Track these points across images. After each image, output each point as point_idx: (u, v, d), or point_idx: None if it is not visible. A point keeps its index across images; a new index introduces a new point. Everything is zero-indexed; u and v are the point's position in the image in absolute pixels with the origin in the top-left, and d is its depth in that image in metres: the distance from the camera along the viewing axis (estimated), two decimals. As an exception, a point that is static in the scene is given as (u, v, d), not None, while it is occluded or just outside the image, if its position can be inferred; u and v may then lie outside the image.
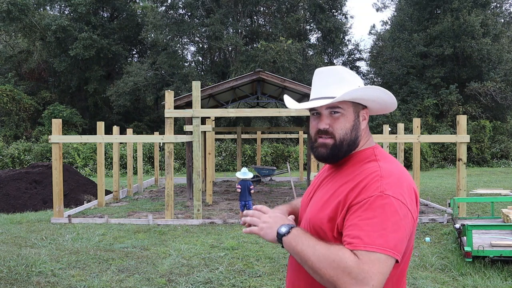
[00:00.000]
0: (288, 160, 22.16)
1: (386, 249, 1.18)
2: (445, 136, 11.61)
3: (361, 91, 1.38)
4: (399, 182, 1.29)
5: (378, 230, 1.19)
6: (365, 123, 1.46)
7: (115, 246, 6.42)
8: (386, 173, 1.30)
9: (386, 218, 1.21)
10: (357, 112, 1.44)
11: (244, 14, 27.40)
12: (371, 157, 1.40)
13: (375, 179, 1.28)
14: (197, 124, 8.61)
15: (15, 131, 25.30)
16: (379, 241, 1.18)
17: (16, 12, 24.78)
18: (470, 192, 11.97)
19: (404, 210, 1.25)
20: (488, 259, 5.28)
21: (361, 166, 1.37)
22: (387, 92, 1.41)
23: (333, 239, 1.32)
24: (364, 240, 1.19)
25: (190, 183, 11.10)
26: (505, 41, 26.70)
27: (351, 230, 1.23)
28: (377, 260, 1.17)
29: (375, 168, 1.33)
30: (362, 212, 1.23)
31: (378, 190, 1.25)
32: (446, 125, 24.36)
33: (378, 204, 1.22)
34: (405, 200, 1.26)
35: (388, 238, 1.19)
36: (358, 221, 1.23)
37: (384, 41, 32.10)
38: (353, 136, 1.41)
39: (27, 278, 4.92)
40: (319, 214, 1.37)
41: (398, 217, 1.22)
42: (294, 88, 11.22)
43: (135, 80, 25.21)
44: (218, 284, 4.87)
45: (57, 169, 8.40)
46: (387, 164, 1.36)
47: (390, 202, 1.23)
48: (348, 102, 1.41)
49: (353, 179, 1.34)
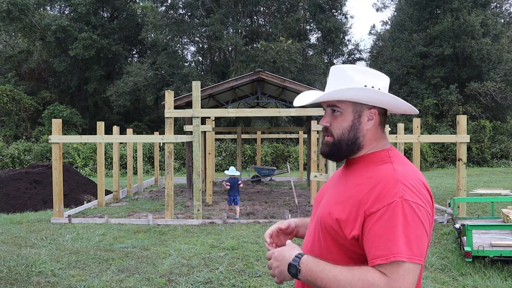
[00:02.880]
0: (288, 160, 22.16)
1: (412, 257, 1.18)
2: (445, 136, 11.62)
3: (354, 91, 1.33)
4: (416, 186, 1.27)
5: (403, 239, 1.19)
6: (371, 124, 1.40)
7: (115, 246, 6.42)
8: (402, 176, 1.28)
9: (408, 225, 1.20)
10: (358, 112, 1.39)
11: (244, 14, 27.40)
12: (385, 159, 1.37)
13: (392, 183, 1.26)
14: (197, 124, 8.61)
15: (15, 131, 25.30)
16: (405, 249, 1.18)
17: (16, 12, 24.78)
18: (470, 192, 11.97)
19: (424, 213, 1.24)
20: (488, 259, 5.28)
21: (375, 167, 1.35)
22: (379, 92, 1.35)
23: (345, 241, 1.30)
24: (392, 250, 1.18)
25: (190, 183, 11.10)
26: (505, 41, 26.70)
27: (376, 242, 1.21)
28: (406, 272, 1.17)
29: (390, 171, 1.31)
30: (384, 221, 1.21)
31: (397, 195, 1.23)
32: (446, 125, 24.36)
33: (399, 211, 1.21)
34: (423, 203, 1.25)
35: (412, 245, 1.19)
36: (382, 231, 1.21)
37: (384, 41, 32.11)
38: (351, 136, 1.38)
39: (27, 278, 4.92)
40: (331, 214, 1.35)
41: (419, 222, 1.22)
42: (294, 88, 11.22)
43: (135, 80, 25.20)
44: (218, 284, 4.87)
45: (57, 169, 8.40)
46: (402, 166, 1.33)
47: (411, 208, 1.22)
48: (347, 102, 1.38)
49: (368, 181, 1.31)
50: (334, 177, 1.54)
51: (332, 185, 1.50)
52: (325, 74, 26.36)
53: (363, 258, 1.27)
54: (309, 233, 1.49)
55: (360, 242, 1.27)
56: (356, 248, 1.30)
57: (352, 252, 1.31)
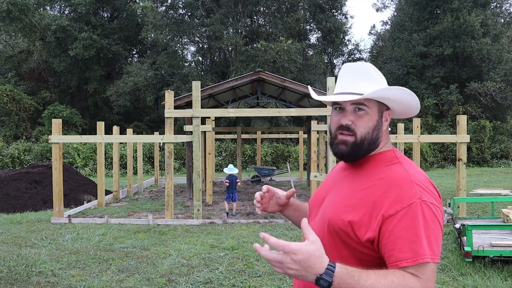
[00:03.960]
0: (288, 160, 22.15)
1: (434, 257, 1.20)
2: (445, 136, 11.62)
3: (388, 90, 1.35)
4: (428, 186, 1.30)
5: (425, 240, 1.20)
6: (387, 124, 1.43)
7: (115, 246, 6.42)
8: (416, 177, 1.29)
9: (428, 226, 1.22)
10: (381, 112, 1.40)
11: (244, 14, 27.39)
12: (393, 159, 1.38)
13: (408, 185, 1.27)
14: (197, 124, 8.61)
15: (15, 131, 25.30)
16: (428, 250, 1.20)
17: (16, 12, 24.77)
18: (470, 192, 11.97)
19: (440, 213, 1.27)
20: (488, 259, 5.28)
21: (384, 168, 1.35)
22: (412, 95, 1.38)
23: (357, 244, 1.29)
24: (418, 252, 1.19)
25: (190, 183, 11.10)
26: (505, 41, 26.69)
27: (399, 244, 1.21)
28: (431, 271, 1.20)
29: (402, 172, 1.32)
30: (406, 223, 1.22)
31: (416, 196, 1.24)
32: (446, 125, 24.35)
33: (419, 212, 1.23)
34: (437, 202, 1.28)
35: (433, 245, 1.21)
36: (404, 233, 1.21)
37: (384, 41, 32.10)
38: (374, 136, 1.38)
39: (27, 278, 4.92)
40: (342, 216, 1.32)
41: (437, 222, 1.25)
42: (294, 88, 11.22)
43: (135, 80, 25.20)
44: (218, 284, 4.87)
45: (57, 169, 8.40)
46: (411, 167, 1.35)
47: (429, 209, 1.24)
48: (374, 101, 1.38)
49: (380, 182, 1.31)
50: (336, 178, 1.50)
51: (335, 185, 1.46)
52: (325, 74, 26.36)
53: (374, 261, 1.27)
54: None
55: (375, 244, 1.26)
56: (369, 251, 1.28)
57: (363, 254, 1.30)
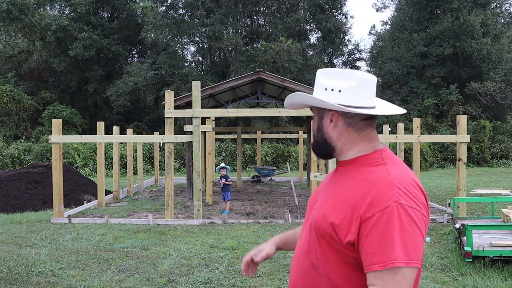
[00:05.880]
0: (288, 160, 22.15)
1: (410, 261, 1.17)
2: (445, 136, 11.62)
3: (297, 97, 1.44)
4: (410, 188, 1.26)
5: (399, 244, 1.18)
6: (333, 125, 1.41)
7: (115, 246, 6.42)
8: (396, 179, 1.27)
9: (404, 230, 1.19)
10: (321, 115, 1.44)
11: (244, 14, 27.39)
12: (379, 160, 1.36)
13: (387, 187, 1.25)
14: (197, 124, 8.60)
15: (15, 131, 25.30)
16: (402, 255, 1.17)
17: (16, 12, 24.76)
18: (470, 192, 11.97)
19: (419, 216, 1.23)
20: (488, 259, 5.28)
21: (368, 169, 1.34)
22: (296, 94, 1.44)
23: (340, 246, 1.29)
24: (389, 257, 1.18)
25: (190, 183, 11.10)
26: (505, 41, 26.66)
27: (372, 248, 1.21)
28: (403, 278, 1.17)
29: (384, 173, 1.29)
30: (380, 227, 1.20)
31: (392, 199, 1.22)
32: (446, 125, 24.35)
33: (395, 216, 1.20)
34: (418, 206, 1.24)
35: (409, 249, 1.18)
36: (378, 237, 1.20)
37: (384, 41, 32.08)
38: (320, 138, 1.44)
39: (27, 278, 4.92)
40: (326, 218, 1.33)
41: (415, 226, 1.21)
42: (294, 88, 11.22)
43: (135, 80, 25.20)
44: (218, 284, 4.87)
45: (57, 169, 8.40)
46: (395, 168, 1.32)
47: (406, 212, 1.21)
48: (314, 107, 1.46)
49: (361, 184, 1.30)
50: (327, 180, 1.53)
51: (325, 187, 1.48)
52: (325, 74, 26.28)
53: (360, 263, 1.26)
54: (303, 237, 1.46)
55: (356, 247, 1.26)
56: (352, 253, 1.28)
57: (348, 257, 1.29)
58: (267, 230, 7.42)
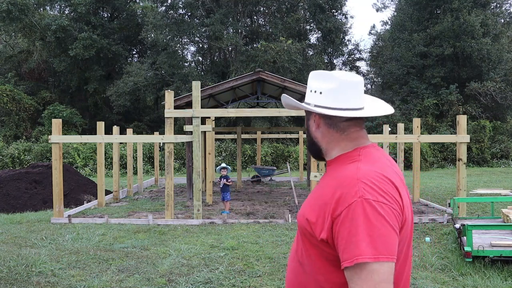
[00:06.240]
0: (288, 160, 22.15)
1: (378, 256, 1.16)
2: (445, 136, 11.62)
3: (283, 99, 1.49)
4: (378, 183, 1.25)
5: (366, 239, 1.17)
6: (316, 126, 1.45)
7: (115, 246, 6.42)
8: (364, 174, 1.27)
9: (371, 224, 1.18)
10: (308, 117, 1.50)
11: (244, 14, 27.39)
12: (354, 158, 1.37)
13: (352, 183, 1.25)
14: (197, 124, 8.61)
15: (15, 131, 25.30)
16: (369, 250, 1.16)
17: (16, 12, 24.76)
18: (470, 192, 11.97)
19: (388, 210, 1.21)
20: (488, 259, 5.28)
21: (342, 168, 1.36)
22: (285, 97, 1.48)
23: (318, 243, 1.31)
24: (355, 253, 1.17)
25: (190, 183, 11.10)
26: (505, 41, 26.66)
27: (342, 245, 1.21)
28: (370, 273, 1.16)
29: (353, 170, 1.30)
30: (347, 224, 1.21)
31: (357, 195, 1.22)
32: (446, 125, 24.35)
33: (360, 211, 1.20)
34: (386, 200, 1.23)
35: (377, 244, 1.17)
36: (346, 234, 1.21)
37: (384, 41, 32.08)
38: (309, 139, 1.50)
39: (27, 278, 4.92)
40: (304, 216, 1.37)
41: (383, 220, 1.20)
42: (294, 88, 11.22)
43: (135, 80, 25.20)
44: (218, 284, 4.87)
45: (57, 169, 8.40)
46: (368, 164, 1.32)
47: (372, 207, 1.20)
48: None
49: (333, 182, 1.32)
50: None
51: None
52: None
53: (338, 260, 1.27)
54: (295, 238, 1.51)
55: (332, 245, 1.27)
56: (329, 250, 1.29)
57: (327, 253, 1.30)
58: (267, 230, 7.42)
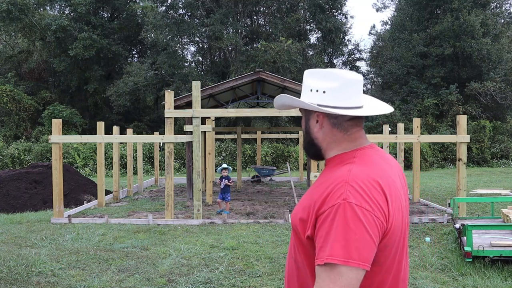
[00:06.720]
0: (288, 160, 22.15)
1: (349, 260, 1.15)
2: (445, 136, 11.61)
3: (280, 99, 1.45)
4: (366, 187, 1.24)
5: (341, 242, 1.17)
6: (319, 126, 1.42)
7: (115, 246, 6.42)
8: (353, 177, 1.26)
9: (349, 228, 1.18)
10: (307, 116, 1.46)
11: (244, 14, 27.39)
12: (349, 159, 1.36)
13: (340, 185, 1.25)
14: (197, 124, 8.60)
15: (15, 131, 25.30)
16: (341, 252, 1.16)
17: (16, 12, 24.76)
18: (470, 192, 11.97)
19: (368, 217, 1.20)
20: (488, 259, 5.28)
21: (336, 168, 1.35)
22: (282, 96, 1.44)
23: (304, 240, 1.33)
24: (327, 252, 1.18)
25: (190, 183, 11.10)
26: (505, 41, 26.66)
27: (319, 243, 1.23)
28: (338, 275, 1.16)
29: (344, 172, 1.29)
30: (327, 223, 1.21)
31: (341, 197, 1.22)
32: (446, 125, 24.35)
33: (341, 214, 1.19)
34: (370, 206, 1.21)
35: (351, 248, 1.16)
36: (324, 233, 1.22)
37: (384, 41, 32.08)
38: (307, 139, 1.47)
39: (27, 278, 4.92)
40: (297, 214, 1.38)
41: (361, 226, 1.18)
42: (294, 88, 11.22)
43: (135, 80, 25.20)
44: (218, 284, 4.87)
45: (57, 169, 8.40)
46: (361, 167, 1.31)
47: (353, 211, 1.19)
48: (301, 109, 1.48)
49: (325, 183, 1.32)
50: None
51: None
52: (325, 74, 26.28)
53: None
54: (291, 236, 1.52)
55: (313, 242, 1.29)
56: (313, 248, 1.30)
57: (310, 251, 1.31)
58: (267, 230, 7.42)
